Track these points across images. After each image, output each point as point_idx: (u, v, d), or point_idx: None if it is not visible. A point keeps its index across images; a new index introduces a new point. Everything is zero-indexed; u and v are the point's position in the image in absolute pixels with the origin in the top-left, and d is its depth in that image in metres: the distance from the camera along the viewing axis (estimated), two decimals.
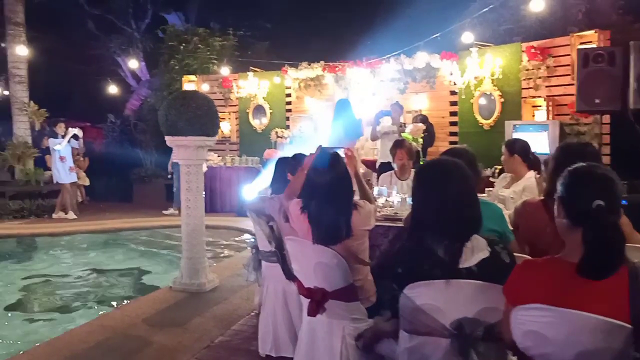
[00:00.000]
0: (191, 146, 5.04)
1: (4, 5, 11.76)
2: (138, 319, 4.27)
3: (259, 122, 11.56)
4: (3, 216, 10.30)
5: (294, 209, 2.84)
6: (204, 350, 3.66)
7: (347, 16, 15.03)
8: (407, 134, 5.63)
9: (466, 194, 2.10)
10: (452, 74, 8.68)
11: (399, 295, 2.12)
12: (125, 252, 7.76)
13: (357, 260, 2.74)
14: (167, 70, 13.69)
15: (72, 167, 10.48)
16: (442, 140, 8.61)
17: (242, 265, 5.98)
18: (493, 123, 8.41)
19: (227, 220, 9.42)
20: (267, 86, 11.32)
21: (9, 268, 6.90)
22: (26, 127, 11.98)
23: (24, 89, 12.02)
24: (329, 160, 2.72)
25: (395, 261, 2.16)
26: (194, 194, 5.18)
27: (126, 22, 18.00)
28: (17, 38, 11.82)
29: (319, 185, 2.67)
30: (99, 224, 9.60)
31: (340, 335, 2.62)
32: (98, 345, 3.69)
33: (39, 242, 8.53)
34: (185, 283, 5.10)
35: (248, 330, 4.04)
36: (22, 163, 11.64)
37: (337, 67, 10.11)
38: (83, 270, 6.70)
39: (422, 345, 2.12)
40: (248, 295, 4.89)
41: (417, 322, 2.11)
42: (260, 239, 3.68)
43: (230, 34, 14.01)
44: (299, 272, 2.80)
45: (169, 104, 5.02)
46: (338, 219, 2.63)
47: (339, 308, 2.63)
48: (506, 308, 1.86)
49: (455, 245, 2.05)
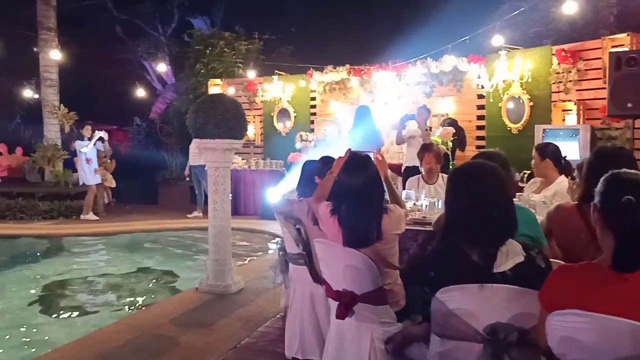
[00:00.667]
0: (219, 149, 5.07)
1: (37, 10, 11.99)
2: (165, 319, 4.31)
3: (283, 126, 11.60)
4: (33, 217, 10.51)
5: (323, 211, 2.84)
6: (231, 351, 3.67)
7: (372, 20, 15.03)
8: (436, 137, 5.59)
9: (502, 197, 2.07)
10: (480, 78, 8.59)
11: (431, 299, 2.10)
12: (150, 254, 7.84)
13: (386, 264, 2.72)
14: (193, 74, 13.83)
15: (97, 169, 10.63)
16: (468, 145, 8.50)
17: (267, 267, 6.04)
18: (521, 127, 8.30)
19: (251, 223, 9.46)
20: (292, 90, 11.35)
21: (38, 267, 7.02)
22: (56, 130, 12.17)
23: (55, 92, 12.23)
24: (361, 163, 2.71)
25: (428, 264, 2.14)
26: (221, 196, 5.21)
27: (153, 27, 18.27)
28: (49, 43, 12.04)
29: (350, 188, 2.66)
30: (126, 225, 9.73)
31: (369, 339, 2.61)
32: (127, 344, 3.74)
33: (67, 242, 8.67)
34: (212, 284, 5.13)
35: (274, 332, 4.05)
36: (52, 165, 11.82)
37: (363, 71, 10.09)
38: (109, 270, 6.79)
39: (454, 349, 2.10)
40: (273, 297, 4.89)
41: (449, 326, 2.08)
42: (288, 242, 3.68)
43: (255, 38, 14.10)
44: (327, 274, 2.79)
45: (197, 107, 5.06)
46: (369, 222, 2.62)
47: (367, 311, 2.61)
48: (541, 314, 1.83)
49: (489, 249, 2.02)
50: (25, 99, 18.28)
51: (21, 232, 9.06)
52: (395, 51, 10.27)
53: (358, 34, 14.67)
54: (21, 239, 8.74)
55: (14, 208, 10.65)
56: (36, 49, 12.48)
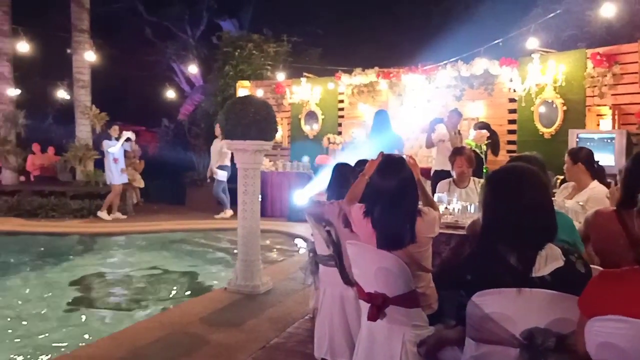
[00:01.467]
0: (249, 150, 5.10)
1: (71, 13, 12.23)
2: (195, 317, 4.35)
3: (310, 128, 11.62)
4: (64, 215, 10.72)
5: (356, 213, 2.84)
6: (260, 350, 3.69)
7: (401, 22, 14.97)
8: (469, 141, 5.53)
9: (543, 201, 2.05)
10: (512, 81, 8.48)
11: (466, 303, 2.09)
12: (178, 253, 7.93)
13: (419, 267, 2.70)
14: (222, 76, 13.96)
15: (124, 169, 10.80)
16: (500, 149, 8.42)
17: (295, 269, 6.09)
18: (554, 132, 8.17)
19: (278, 225, 9.50)
20: (320, 92, 11.36)
21: (69, 264, 7.16)
22: (87, 130, 12.36)
23: (87, 93, 12.43)
24: (395, 165, 2.71)
25: (465, 268, 2.13)
26: (251, 197, 5.24)
27: (182, 29, 18.53)
28: (82, 44, 12.26)
29: (384, 189, 2.65)
30: (154, 225, 9.86)
31: (400, 341, 2.60)
32: (159, 341, 3.79)
33: (97, 240, 8.82)
34: (240, 285, 5.16)
35: (303, 333, 4.05)
36: (83, 165, 12.04)
37: (392, 73, 10.05)
38: (138, 269, 6.88)
39: (489, 354, 2.08)
40: (302, 299, 4.91)
41: (485, 330, 2.07)
42: (319, 243, 3.69)
43: (284, 40, 14.18)
44: (359, 276, 2.78)
45: (228, 108, 5.10)
46: (402, 224, 2.61)
47: (399, 314, 2.60)
48: (581, 319, 1.80)
49: (528, 253, 2.00)
50: (58, 100, 18.71)
51: (53, 230, 9.26)
52: (425, 54, 10.23)
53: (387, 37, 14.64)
54: (53, 236, 8.92)
55: (46, 206, 10.88)
56: (69, 51, 12.72)
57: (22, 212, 10.78)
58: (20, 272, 6.65)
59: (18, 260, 7.33)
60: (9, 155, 12.21)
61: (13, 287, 5.89)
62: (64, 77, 15.97)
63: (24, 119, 12.64)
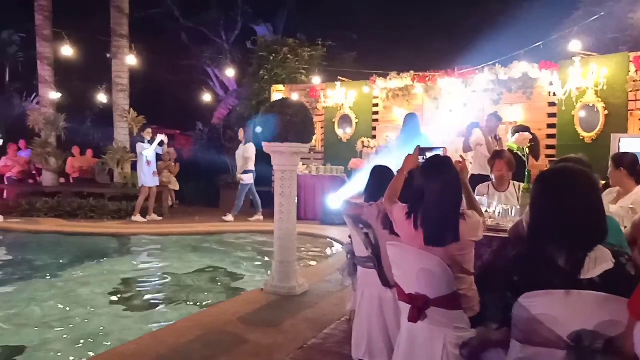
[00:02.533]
0: (286, 152, 5.14)
1: (111, 18, 12.52)
2: (233, 317, 4.40)
3: (344, 132, 11.64)
4: (102, 216, 10.95)
5: (398, 213, 2.84)
6: (298, 351, 3.71)
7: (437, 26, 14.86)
8: (511, 143, 5.46)
9: (594, 202, 2.03)
10: (552, 85, 8.34)
11: (512, 304, 2.07)
12: (212, 254, 8.03)
13: (461, 269, 2.69)
14: (256, 80, 14.09)
15: (155, 171, 10.98)
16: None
17: (330, 271, 6.11)
18: (595, 136, 8.01)
19: (312, 228, 9.51)
20: (354, 96, 11.38)
21: (107, 264, 7.32)
22: (125, 133, 12.55)
23: (125, 97, 12.65)
24: (442, 165, 2.70)
25: (512, 269, 2.11)
26: (288, 199, 5.28)
27: (217, 34, 18.77)
28: (122, 49, 12.54)
29: (429, 189, 2.65)
30: (189, 227, 10.00)
31: (442, 343, 2.59)
32: (198, 339, 3.85)
33: (134, 241, 9.02)
34: (277, 286, 5.20)
35: (340, 334, 4.06)
36: (121, 167, 12.27)
37: (428, 77, 10.00)
38: (173, 269, 7.00)
39: (535, 356, 2.06)
40: (338, 301, 4.91)
41: (531, 332, 2.05)
42: (357, 245, 3.69)
43: (319, 45, 14.24)
44: (399, 277, 2.78)
45: (267, 110, 5.16)
46: (445, 222, 2.61)
47: (441, 315, 2.59)
48: (630, 322, 1.77)
49: (578, 254, 1.97)
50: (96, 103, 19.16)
51: (92, 231, 9.48)
52: (461, 57, 10.14)
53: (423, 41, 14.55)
54: (92, 237, 9.15)
55: (86, 207, 11.14)
56: (109, 55, 13.01)
57: (62, 212, 11.07)
58: (60, 270, 6.82)
59: (59, 260, 7.52)
60: (49, 157, 12.56)
61: (53, 285, 6.04)
62: (103, 81, 16.35)
63: (64, 121, 12.98)
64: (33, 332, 4.49)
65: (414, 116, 7.14)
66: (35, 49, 13.00)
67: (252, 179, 10.66)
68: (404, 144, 6.30)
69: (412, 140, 6.19)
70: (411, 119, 7.03)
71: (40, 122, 12.53)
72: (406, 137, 6.69)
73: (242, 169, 10.54)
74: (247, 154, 10.46)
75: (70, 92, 16.13)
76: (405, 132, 6.90)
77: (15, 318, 4.92)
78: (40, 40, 12.64)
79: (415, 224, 2.69)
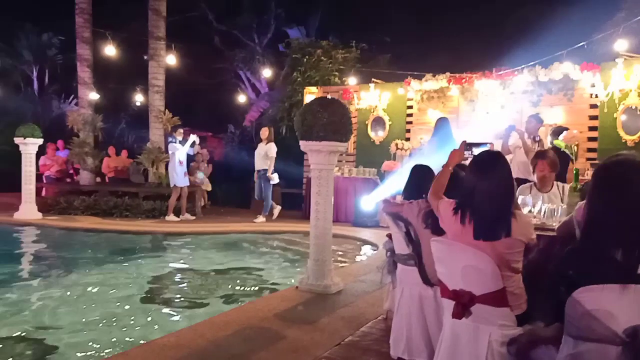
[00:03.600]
0: (324, 151, 5.12)
1: (148, 20, 12.75)
2: (269, 313, 4.40)
3: (376, 134, 11.59)
4: (137, 215, 11.14)
5: (445, 209, 2.79)
6: (336, 347, 3.69)
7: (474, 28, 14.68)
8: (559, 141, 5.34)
9: None
10: (594, 86, 8.15)
11: (566, 299, 2.02)
12: (245, 253, 8.08)
13: (509, 268, 2.62)
14: (289, 82, 14.15)
15: (186, 172, 11.10)
16: (580, 157, 8.10)
17: (364, 272, 6.07)
18: (638, 139, 7.85)
19: (344, 230, 9.47)
20: (388, 98, 11.32)
21: (143, 261, 7.41)
22: (160, 134, 12.76)
23: (161, 98, 12.86)
24: (494, 160, 2.66)
25: (566, 263, 2.06)
26: (324, 197, 5.26)
27: (249, 37, 18.94)
28: (159, 51, 12.76)
29: (482, 181, 2.60)
30: (223, 226, 10.09)
31: (486, 341, 2.54)
32: (236, 334, 3.85)
33: (168, 239, 9.14)
34: (312, 284, 5.18)
35: (377, 333, 4.02)
36: (156, 167, 12.46)
37: (464, 79, 9.89)
38: (208, 267, 7.03)
39: (588, 352, 2.01)
40: (374, 300, 4.87)
41: (585, 327, 2.01)
42: (398, 242, 3.66)
43: (352, 47, 14.23)
44: (444, 274, 2.74)
45: (305, 109, 5.16)
46: (499, 216, 2.56)
47: (486, 313, 2.55)
48: None
49: (635, 248, 1.92)
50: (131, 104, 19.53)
51: (128, 229, 9.64)
52: (499, 59, 10.00)
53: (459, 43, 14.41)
54: (128, 234, 9.30)
55: (121, 206, 11.35)
56: (146, 57, 13.24)
57: (99, 211, 11.29)
58: (96, 266, 6.93)
59: (95, 255, 7.66)
60: (87, 157, 12.84)
61: (91, 281, 6.14)
62: (137, 83, 16.64)
63: (101, 122, 13.25)
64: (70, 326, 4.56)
65: (446, 120, 7.10)
66: (73, 52, 13.32)
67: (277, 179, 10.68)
68: (438, 148, 6.26)
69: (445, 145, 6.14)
70: (445, 124, 7.00)
71: (78, 122, 12.82)
72: (440, 142, 6.64)
73: (271, 169, 10.56)
74: (272, 153, 10.52)
75: (106, 94, 16.46)
76: (439, 137, 6.85)
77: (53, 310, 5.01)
78: (80, 42, 12.95)
79: (462, 219, 2.64)
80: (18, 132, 10.58)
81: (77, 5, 12.88)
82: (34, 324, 4.58)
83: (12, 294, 5.52)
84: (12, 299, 5.41)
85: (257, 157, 10.73)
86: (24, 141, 10.55)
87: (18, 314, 4.90)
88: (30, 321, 4.67)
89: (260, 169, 10.63)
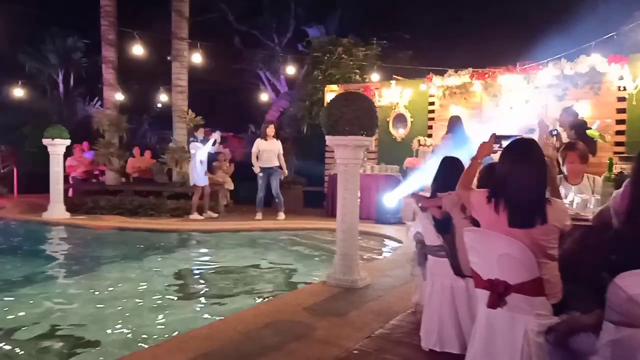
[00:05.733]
0: (350, 145, 5.14)
1: (172, 21, 12.87)
2: (298, 307, 4.43)
3: (397, 132, 11.55)
4: (162, 214, 11.26)
5: (477, 198, 2.79)
6: (366, 340, 3.70)
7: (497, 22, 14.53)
8: (593, 131, 5.29)
9: None
10: (622, 79, 8.02)
11: (607, 285, 2.01)
12: (269, 250, 8.14)
13: (545, 255, 2.61)
14: (310, 80, 14.16)
15: (207, 171, 11.17)
16: (606, 151, 7.94)
17: (389, 267, 6.08)
18: None
19: (367, 227, 9.44)
20: (410, 94, 11.28)
21: (169, 258, 7.51)
22: (184, 134, 12.85)
23: (184, 98, 12.96)
24: (528, 146, 2.65)
25: (610, 248, 2.05)
26: (351, 192, 5.28)
27: (269, 37, 19.01)
28: (182, 52, 12.88)
29: (516, 168, 2.59)
30: (247, 223, 10.17)
31: (522, 330, 2.53)
32: (267, 326, 3.89)
33: (193, 237, 9.25)
34: (339, 278, 5.20)
35: (407, 325, 4.03)
36: (179, 166, 12.59)
37: (487, 74, 9.80)
38: (233, 263, 7.12)
39: (629, 337, 2.01)
40: (401, 294, 4.88)
41: (627, 313, 2.00)
42: (428, 234, 3.66)
43: (373, 44, 14.20)
44: (477, 264, 2.73)
45: (331, 103, 5.17)
46: (534, 202, 2.55)
47: (522, 302, 2.53)
48: None
49: None
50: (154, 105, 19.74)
51: (153, 227, 9.77)
52: (522, 54, 9.88)
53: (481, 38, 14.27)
54: (153, 233, 9.42)
55: (146, 205, 11.49)
56: (169, 58, 13.37)
57: (124, 210, 11.45)
58: (125, 263, 7.04)
59: (122, 253, 7.77)
60: (112, 157, 13.03)
61: (119, 277, 6.24)
62: (160, 84, 16.80)
63: (126, 123, 13.43)
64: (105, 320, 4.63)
65: (460, 119, 7.14)
66: (97, 54, 13.51)
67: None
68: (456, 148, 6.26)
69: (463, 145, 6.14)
70: (459, 123, 7.04)
71: (104, 123, 13.00)
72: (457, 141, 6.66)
73: (284, 165, 10.64)
74: (281, 150, 10.59)
75: (129, 95, 16.65)
76: (456, 136, 6.88)
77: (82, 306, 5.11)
78: (105, 44, 13.15)
79: (496, 207, 2.64)
80: (46, 134, 10.78)
81: (102, 8, 13.07)
82: (71, 320, 4.66)
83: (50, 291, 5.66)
84: (53, 293, 5.56)
85: (269, 155, 10.72)
86: (52, 142, 10.74)
87: (58, 310, 4.99)
88: (69, 316, 4.77)
89: (273, 165, 10.67)
